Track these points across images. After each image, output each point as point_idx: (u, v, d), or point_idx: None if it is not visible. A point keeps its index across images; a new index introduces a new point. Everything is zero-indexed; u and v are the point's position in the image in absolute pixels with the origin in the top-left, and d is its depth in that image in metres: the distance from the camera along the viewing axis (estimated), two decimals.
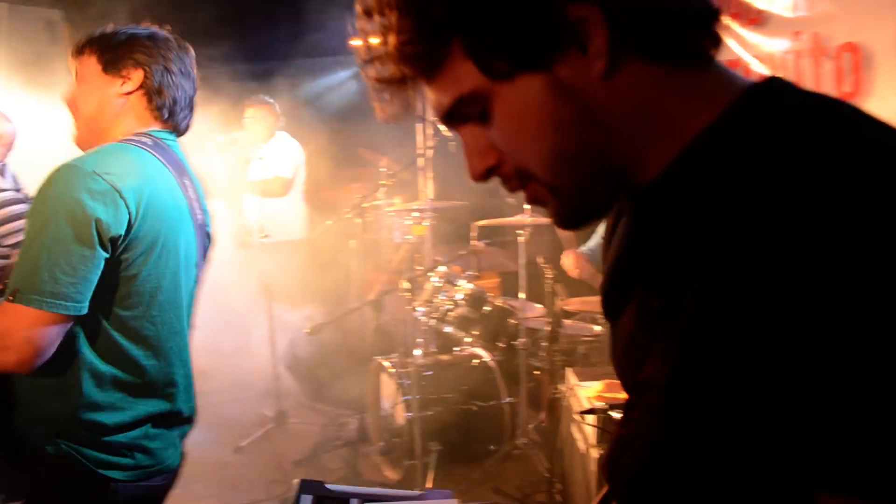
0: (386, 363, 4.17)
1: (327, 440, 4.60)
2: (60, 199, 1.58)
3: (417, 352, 4.16)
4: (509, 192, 0.76)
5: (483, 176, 0.74)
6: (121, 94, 1.80)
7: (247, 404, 4.84)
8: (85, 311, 1.61)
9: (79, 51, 1.85)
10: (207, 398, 4.26)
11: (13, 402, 1.73)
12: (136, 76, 1.80)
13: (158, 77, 1.82)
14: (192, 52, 1.93)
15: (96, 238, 1.58)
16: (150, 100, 1.82)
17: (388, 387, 4.19)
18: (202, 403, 2.05)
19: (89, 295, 1.61)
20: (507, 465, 4.05)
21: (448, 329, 4.23)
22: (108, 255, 1.62)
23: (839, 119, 0.62)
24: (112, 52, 1.81)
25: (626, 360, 0.79)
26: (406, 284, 4.01)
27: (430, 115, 6.33)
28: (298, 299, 5.06)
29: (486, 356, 4.22)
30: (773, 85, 0.68)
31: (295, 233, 5.46)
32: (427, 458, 3.83)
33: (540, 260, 4.09)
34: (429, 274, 4.37)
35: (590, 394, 2.94)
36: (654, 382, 0.69)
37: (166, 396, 1.84)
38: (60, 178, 1.60)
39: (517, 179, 0.73)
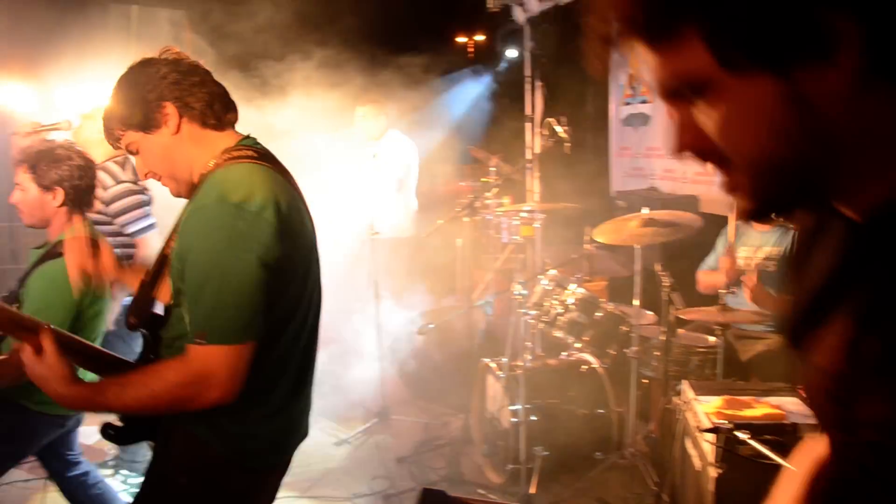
0: (493, 365, 4.13)
1: (430, 439, 4.60)
2: (215, 236, 1.61)
3: (526, 355, 4.11)
4: (702, 166, 0.72)
5: (684, 152, 0.71)
6: (173, 134, 1.79)
7: (351, 398, 4.90)
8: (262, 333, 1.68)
9: (115, 137, 1.84)
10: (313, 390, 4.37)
11: None
12: (171, 112, 1.78)
13: (184, 97, 1.79)
14: (188, 57, 1.88)
15: (262, 264, 1.62)
16: (194, 118, 1.81)
17: (493, 389, 4.15)
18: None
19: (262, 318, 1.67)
20: (612, 475, 3.95)
21: (558, 333, 4.15)
22: (269, 278, 1.66)
23: None
24: (138, 114, 1.78)
25: (827, 396, 0.73)
26: (518, 287, 3.96)
27: (539, 117, 6.27)
28: (406, 296, 5.10)
29: (594, 362, 4.13)
30: None
31: (405, 230, 5.50)
32: (531, 464, 3.78)
33: (657, 267, 3.97)
34: (538, 277, 4.30)
35: (709, 409, 2.83)
36: (879, 424, 0.64)
37: (299, 394, 1.90)
38: (214, 216, 1.63)
39: (719, 163, 0.70)
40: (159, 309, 1.93)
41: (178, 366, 1.64)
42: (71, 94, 4.40)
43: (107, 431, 1.85)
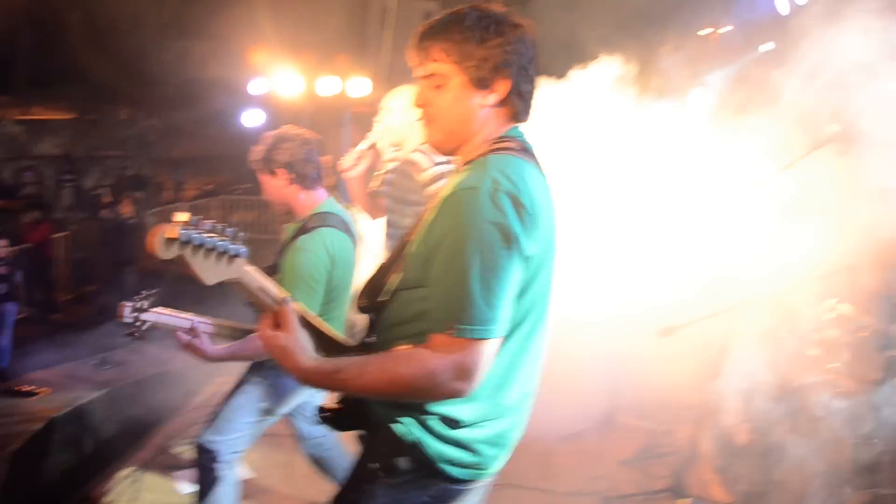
0: (734, 377, 3.88)
1: (656, 445, 4.43)
2: (478, 224, 1.58)
3: (769, 371, 3.81)
4: None
5: None
6: (486, 105, 1.74)
7: (578, 396, 4.81)
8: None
9: (425, 49, 1.75)
10: (550, 383, 4.33)
11: None
12: (503, 87, 1.73)
13: (520, 80, 1.74)
14: (533, 33, 1.79)
15: (518, 256, 1.60)
16: (512, 104, 1.76)
17: (732, 403, 3.90)
18: (545, 384, 2.02)
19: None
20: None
21: (813, 351, 3.82)
22: (522, 273, 1.63)
23: None
24: (476, 61, 1.71)
25: None
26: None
27: None
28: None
29: (850, 387, 3.74)
30: None
31: None
32: (767, 488, 3.50)
33: None
34: None
35: None
36: None
37: (516, 405, 1.81)
38: (470, 203, 1.60)
39: None
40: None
41: (426, 354, 1.61)
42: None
43: (324, 414, 1.85)
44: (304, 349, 1.70)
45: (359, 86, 11.23)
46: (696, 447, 4.20)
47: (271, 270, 2.82)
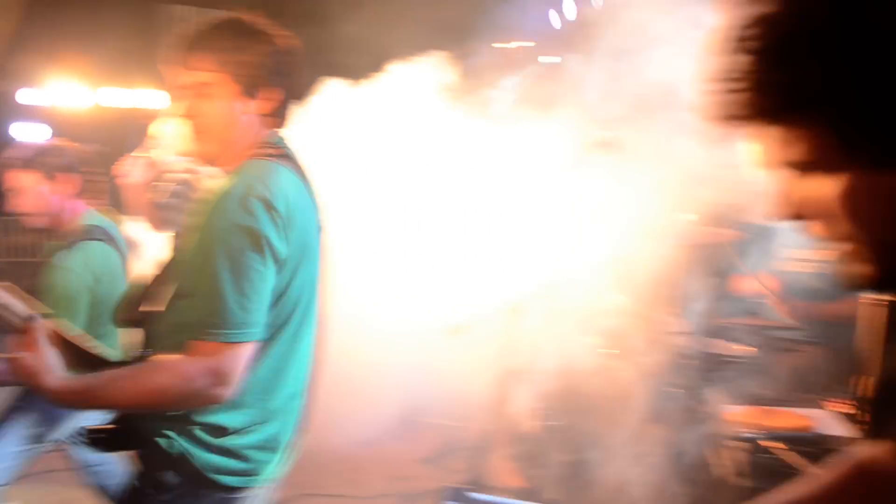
0: (519, 369, 4.08)
1: (453, 441, 4.56)
2: (228, 229, 1.59)
3: (552, 360, 4.05)
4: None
5: (787, 218, 0.74)
6: (250, 113, 1.75)
7: (377, 401, 4.87)
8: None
9: (191, 58, 1.73)
10: (335, 389, 4.35)
11: None
12: (267, 95, 1.75)
13: (282, 88, 1.78)
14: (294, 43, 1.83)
15: (271, 260, 1.61)
16: (273, 112, 1.79)
17: (519, 393, 4.10)
18: (330, 395, 2.04)
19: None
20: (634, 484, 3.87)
21: (589, 339, 4.10)
22: (276, 275, 1.65)
23: None
24: (241, 70, 1.72)
25: None
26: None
27: None
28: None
29: (623, 368, 4.05)
30: None
31: None
32: (554, 469, 3.72)
33: None
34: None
35: (737, 418, 2.77)
36: None
37: (284, 407, 1.81)
38: (222, 209, 1.62)
39: (830, 230, 0.72)
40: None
41: (181, 361, 1.60)
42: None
43: (94, 437, 1.78)
44: (52, 368, 1.62)
45: (146, 97, 10.78)
46: (488, 438, 4.37)
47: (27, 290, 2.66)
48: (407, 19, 5.44)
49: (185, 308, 1.69)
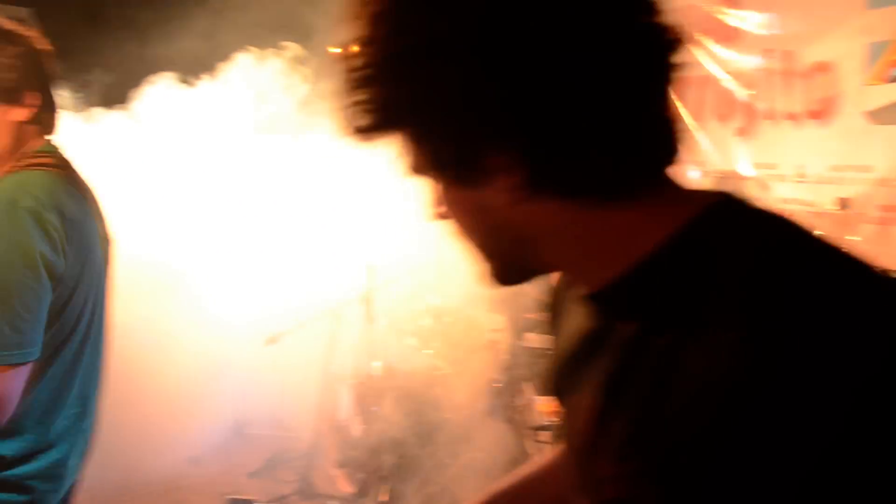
0: (343, 374, 4.13)
1: (283, 451, 4.53)
2: (4, 246, 1.50)
3: (376, 363, 4.12)
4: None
5: (435, 219, 0.83)
6: (17, 120, 1.66)
7: (203, 416, 4.75)
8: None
9: None
10: (163, 407, 4.22)
11: None
12: (33, 101, 1.67)
13: (48, 93, 1.71)
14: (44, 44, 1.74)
15: (45, 276, 1.53)
16: (42, 118, 1.71)
17: (344, 399, 4.14)
18: (158, 409, 1.99)
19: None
20: (466, 477, 4.01)
21: (410, 341, 4.20)
22: (52, 291, 1.56)
23: (782, 266, 0.65)
24: (2, 74, 1.63)
25: (578, 456, 0.81)
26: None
27: None
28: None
29: (446, 368, 4.19)
30: (720, 216, 0.71)
31: None
32: (383, 472, 3.78)
33: None
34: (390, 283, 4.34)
35: (545, 408, 2.94)
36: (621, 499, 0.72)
37: (69, 430, 1.72)
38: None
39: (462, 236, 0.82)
40: None
41: None
42: None
43: None
44: None
45: None
46: (318, 446, 4.38)
47: None
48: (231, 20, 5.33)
49: None
